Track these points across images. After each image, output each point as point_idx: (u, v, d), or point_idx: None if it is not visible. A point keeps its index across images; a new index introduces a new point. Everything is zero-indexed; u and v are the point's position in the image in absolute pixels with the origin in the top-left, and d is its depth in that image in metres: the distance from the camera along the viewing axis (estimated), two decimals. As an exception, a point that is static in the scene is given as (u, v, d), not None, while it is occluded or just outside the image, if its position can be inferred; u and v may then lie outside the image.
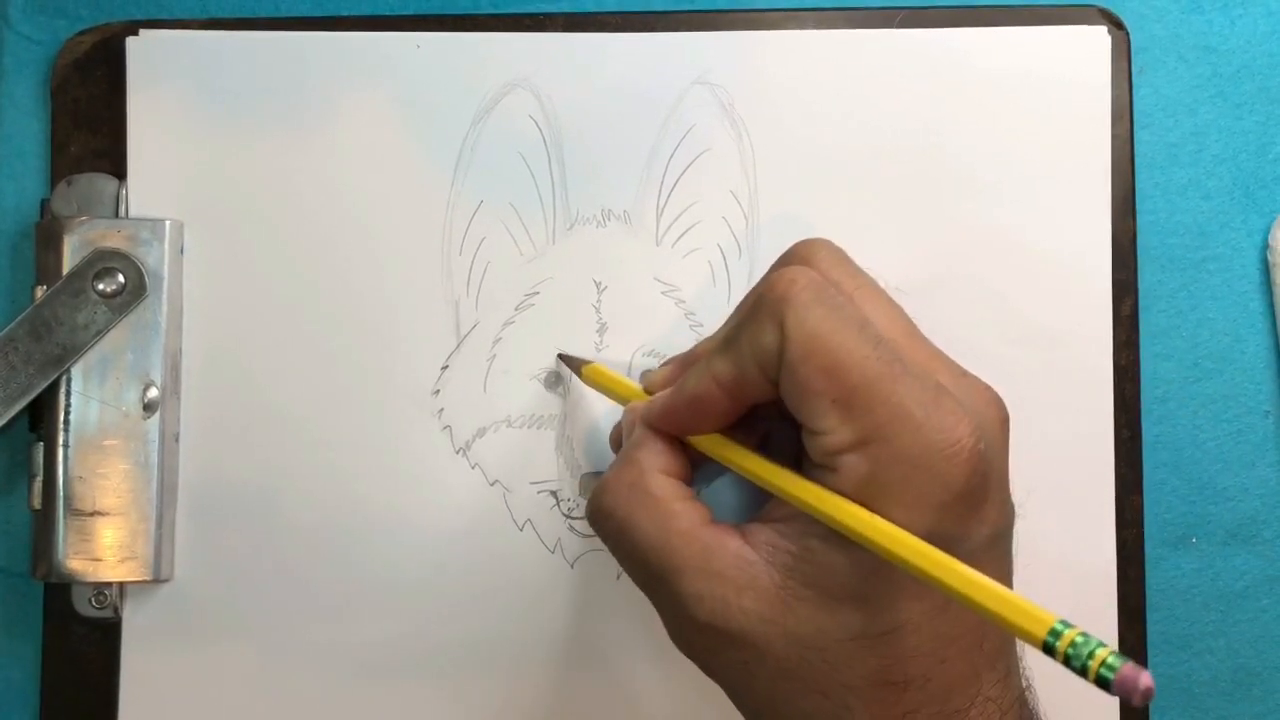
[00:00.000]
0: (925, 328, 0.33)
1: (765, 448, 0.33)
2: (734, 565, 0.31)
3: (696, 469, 0.34)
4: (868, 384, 0.29)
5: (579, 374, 0.39)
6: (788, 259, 0.34)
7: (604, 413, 0.41)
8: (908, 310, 0.34)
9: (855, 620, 0.30)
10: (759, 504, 0.33)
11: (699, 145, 0.41)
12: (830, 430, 0.29)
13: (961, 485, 0.29)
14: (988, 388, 0.32)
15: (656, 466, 0.33)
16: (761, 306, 0.31)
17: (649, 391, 0.36)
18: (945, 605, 0.30)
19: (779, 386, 0.31)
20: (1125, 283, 0.41)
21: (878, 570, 0.29)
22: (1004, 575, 0.31)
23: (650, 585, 0.32)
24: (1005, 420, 0.32)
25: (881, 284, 0.34)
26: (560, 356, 0.40)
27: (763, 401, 0.32)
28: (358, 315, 0.41)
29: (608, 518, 0.33)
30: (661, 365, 0.38)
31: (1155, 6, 0.42)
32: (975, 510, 0.30)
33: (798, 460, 0.33)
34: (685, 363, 0.36)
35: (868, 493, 0.29)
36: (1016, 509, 0.32)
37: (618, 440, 0.38)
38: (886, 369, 0.29)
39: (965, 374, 0.32)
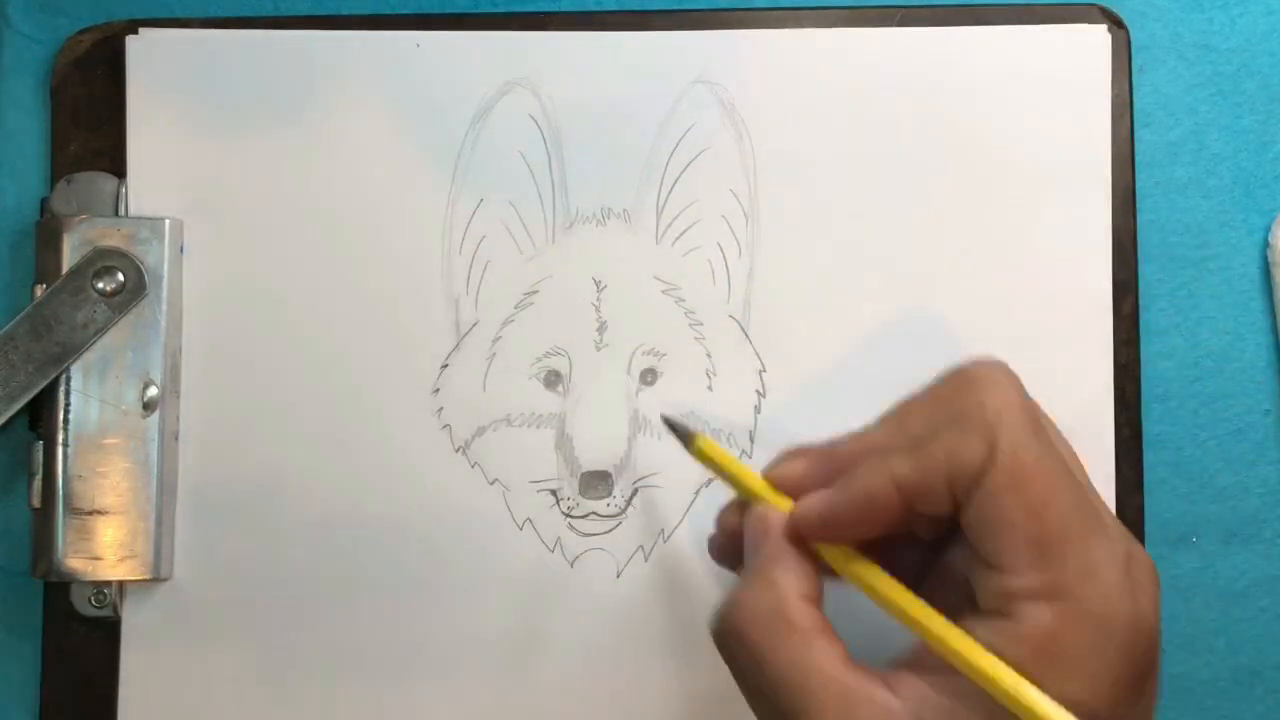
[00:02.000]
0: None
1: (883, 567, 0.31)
2: (878, 715, 0.28)
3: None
4: (1068, 531, 0.27)
5: (687, 446, 0.35)
6: (978, 379, 0.31)
7: (604, 411, 0.41)
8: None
9: None
10: (887, 633, 0.30)
11: (699, 144, 0.41)
12: (1017, 571, 0.28)
13: (1142, 660, 0.27)
14: (1149, 557, 0.30)
15: (799, 591, 0.30)
16: (967, 421, 0.29)
17: (781, 489, 0.33)
18: None
19: (963, 509, 0.29)
20: (1125, 281, 0.41)
21: None
22: None
23: (771, 715, 0.29)
24: (1160, 592, 0.30)
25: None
26: (665, 420, 0.37)
27: (932, 517, 0.30)
28: (357, 313, 0.41)
29: (741, 644, 0.30)
30: (786, 458, 0.33)
31: (1155, 5, 0.42)
32: (1144, 685, 0.28)
33: (918, 581, 0.31)
34: (828, 460, 0.32)
35: (1047, 649, 0.27)
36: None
37: (728, 529, 0.34)
38: (1087, 520, 0.28)
39: (1133, 538, 0.30)
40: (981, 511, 0.28)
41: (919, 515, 0.30)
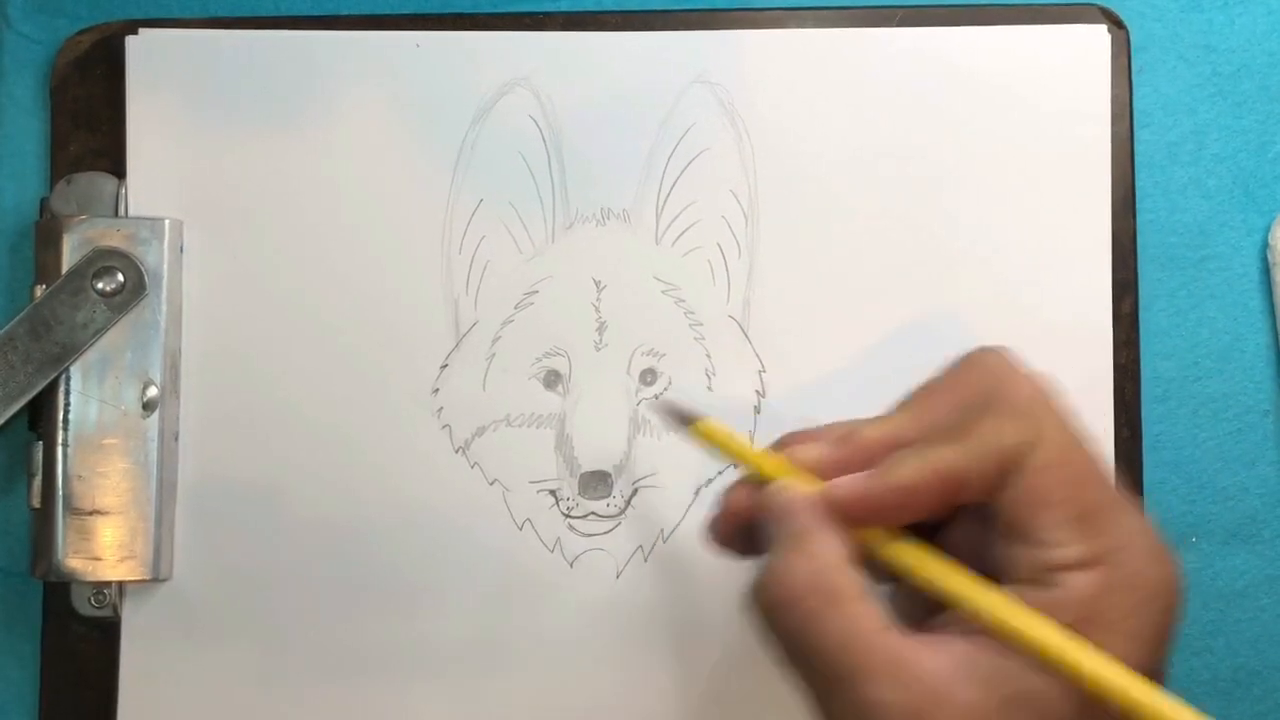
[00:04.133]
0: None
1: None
2: (929, 675, 0.28)
3: None
4: (1105, 505, 0.29)
5: (687, 429, 0.35)
6: (999, 365, 0.32)
7: (604, 411, 0.40)
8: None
9: None
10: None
11: (698, 144, 0.41)
12: (1061, 544, 0.29)
13: (1174, 619, 0.29)
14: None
15: (841, 558, 0.30)
16: (1006, 405, 0.30)
17: (803, 470, 0.32)
18: None
19: (1001, 492, 0.30)
20: (1125, 281, 0.41)
21: (1082, 700, 0.28)
22: None
23: (826, 688, 0.29)
24: None
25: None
26: (664, 404, 0.37)
27: (974, 498, 0.30)
28: (357, 314, 0.41)
29: (787, 611, 0.30)
30: (793, 441, 0.33)
31: (1155, 5, 0.42)
32: (1171, 645, 0.30)
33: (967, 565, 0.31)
34: (850, 444, 0.32)
35: (1091, 613, 0.28)
36: None
37: (739, 508, 0.33)
38: (1117, 495, 0.30)
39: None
40: (1025, 492, 0.29)
41: (956, 501, 0.31)
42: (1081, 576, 0.29)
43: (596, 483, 0.40)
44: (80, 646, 0.40)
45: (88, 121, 0.41)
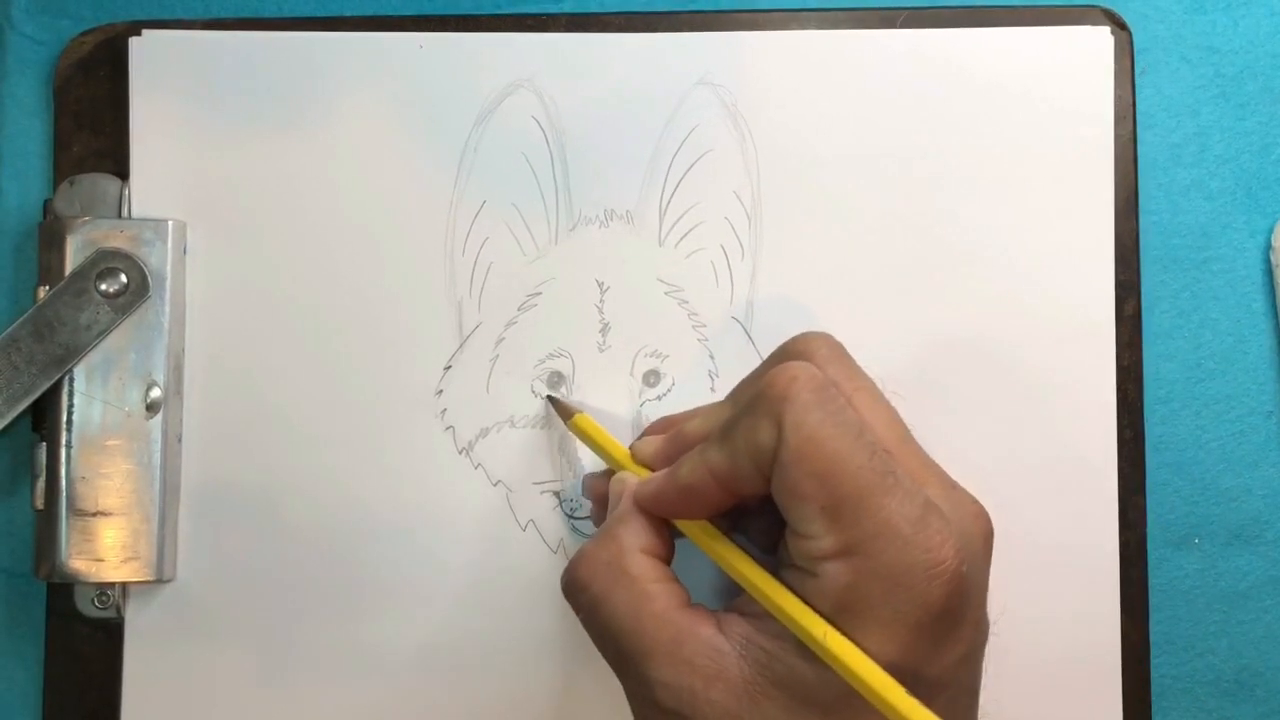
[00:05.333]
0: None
1: (741, 530, 0.34)
2: (705, 654, 0.30)
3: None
4: (858, 494, 0.29)
5: (566, 422, 0.39)
6: (786, 353, 0.34)
7: (605, 414, 0.41)
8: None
9: None
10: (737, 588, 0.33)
11: (702, 145, 0.41)
12: (815, 535, 0.29)
13: (940, 606, 0.29)
14: (974, 502, 0.32)
15: (637, 545, 0.33)
16: (760, 402, 0.31)
17: (638, 460, 0.36)
18: None
19: (770, 484, 0.31)
20: (1128, 283, 0.41)
21: (847, 686, 0.29)
22: (972, 692, 0.32)
23: (619, 665, 0.32)
24: (990, 536, 0.32)
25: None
26: (549, 398, 0.40)
27: (754, 494, 0.32)
28: (360, 315, 0.41)
29: (582, 591, 0.33)
30: (648, 433, 0.37)
31: (1158, 7, 0.42)
32: (952, 630, 0.30)
33: (775, 548, 0.33)
34: (675, 440, 0.35)
35: (845, 602, 0.29)
36: (991, 625, 0.32)
37: (597, 495, 0.38)
38: (879, 481, 0.29)
39: (955, 487, 0.32)
40: (779, 486, 0.30)
41: (746, 495, 0.32)
42: (835, 566, 0.29)
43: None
44: (84, 648, 0.40)
45: (91, 123, 0.41)
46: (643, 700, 0.31)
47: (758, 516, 0.34)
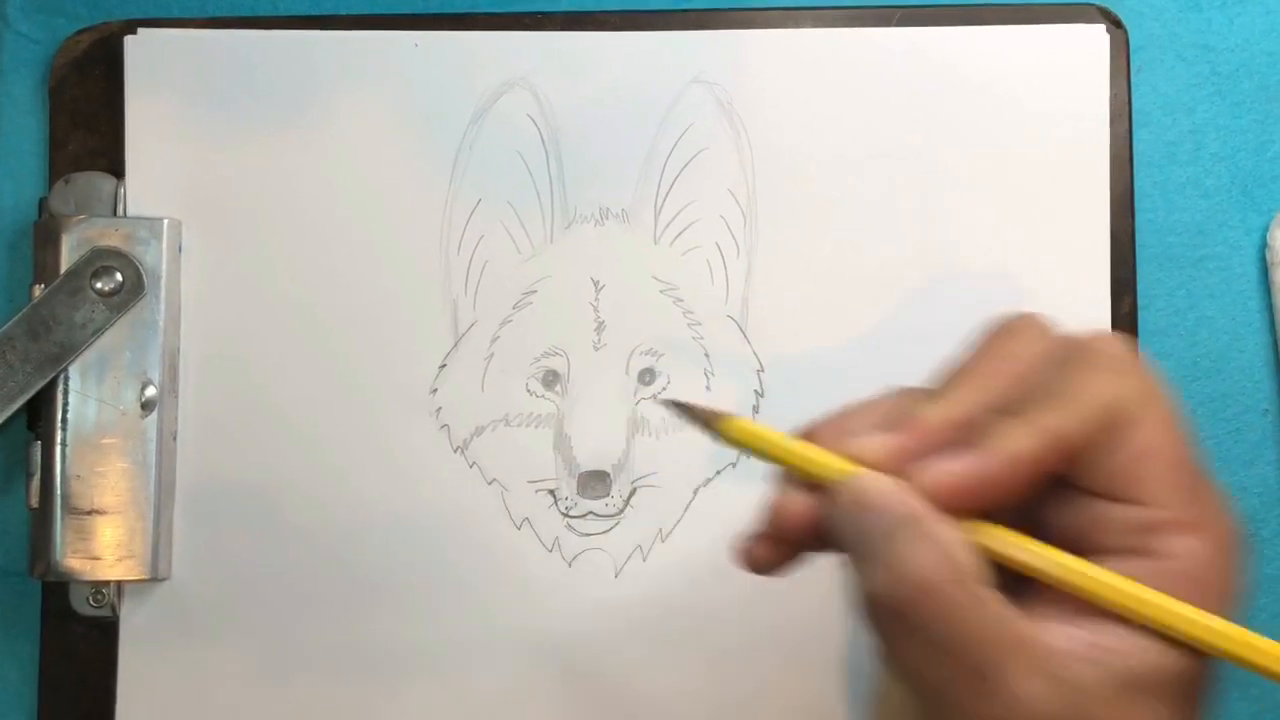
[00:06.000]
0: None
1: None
2: (1057, 663, 0.27)
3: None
4: (1199, 465, 0.28)
5: (711, 428, 0.30)
6: (1039, 324, 0.30)
7: (602, 411, 0.40)
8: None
9: (1189, 716, 0.28)
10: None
11: (697, 144, 0.41)
12: (1169, 505, 0.27)
13: (1243, 587, 0.28)
14: None
15: (966, 542, 0.28)
16: (1097, 358, 0.28)
17: (865, 463, 0.29)
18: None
19: (1105, 451, 0.28)
20: (1124, 281, 0.41)
21: (1213, 670, 0.28)
22: None
23: (955, 683, 0.27)
24: None
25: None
26: (677, 405, 0.31)
27: (1065, 469, 0.28)
28: (356, 314, 0.41)
29: (921, 606, 0.27)
30: (828, 429, 0.30)
31: (1153, 5, 0.42)
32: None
33: None
34: (910, 430, 0.29)
35: (1201, 578, 0.27)
36: None
37: (789, 527, 0.30)
38: (1198, 456, 0.28)
39: None
40: (1135, 449, 0.28)
41: (1065, 468, 0.28)
42: (1190, 541, 0.27)
43: (595, 482, 0.41)
44: (79, 646, 0.40)
45: (86, 121, 0.42)
46: (981, 714, 0.27)
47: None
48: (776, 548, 0.30)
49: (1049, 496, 0.29)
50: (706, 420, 0.31)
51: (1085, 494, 0.28)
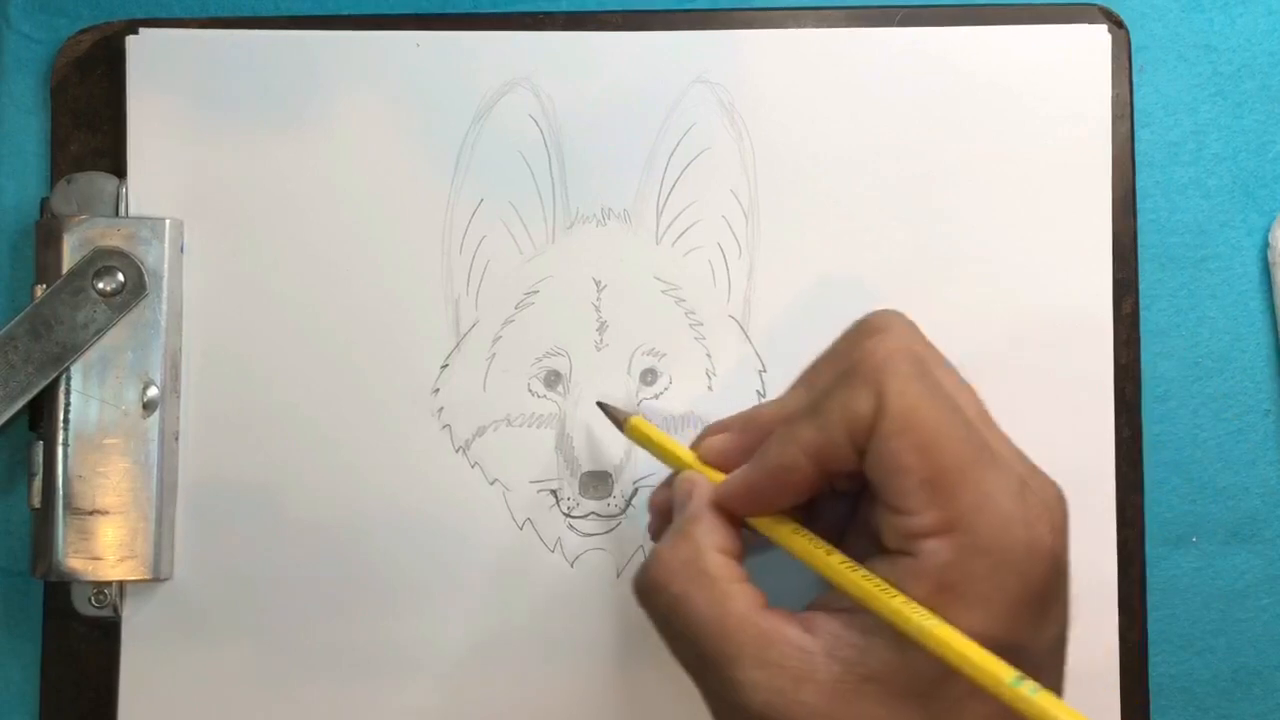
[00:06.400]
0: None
1: (809, 520, 0.33)
2: (793, 655, 0.29)
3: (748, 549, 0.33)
4: (959, 467, 0.28)
5: (621, 427, 0.38)
6: (866, 328, 0.33)
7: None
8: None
9: (918, 719, 0.29)
10: (815, 585, 0.32)
11: (699, 144, 0.41)
12: (914, 511, 0.29)
13: (1040, 584, 0.28)
14: (1054, 483, 0.31)
15: (714, 545, 0.31)
16: (856, 373, 0.30)
17: (705, 460, 0.35)
18: (1008, 712, 0.28)
19: (865, 459, 0.30)
20: (1126, 281, 0.41)
21: (946, 671, 0.28)
22: (1061, 673, 0.31)
23: (700, 669, 0.31)
24: (1068, 518, 0.31)
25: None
26: (600, 405, 0.39)
27: (843, 474, 0.31)
28: (357, 314, 0.41)
29: (659, 593, 0.31)
30: (711, 433, 0.35)
31: (1155, 5, 0.42)
32: (1048, 609, 0.29)
33: (840, 535, 0.32)
34: (748, 430, 0.34)
35: (947, 581, 0.28)
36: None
37: (662, 506, 0.35)
38: (977, 454, 0.29)
39: (1036, 468, 0.31)
40: (877, 458, 0.29)
41: (835, 474, 0.31)
42: (935, 544, 0.28)
43: (597, 483, 0.41)
44: (80, 646, 0.40)
45: (88, 121, 0.42)
46: (726, 703, 0.30)
47: (824, 511, 0.33)
48: (658, 527, 0.36)
49: (865, 497, 0.31)
50: (616, 420, 0.38)
51: (870, 500, 0.30)
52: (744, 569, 0.32)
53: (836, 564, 0.30)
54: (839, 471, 0.31)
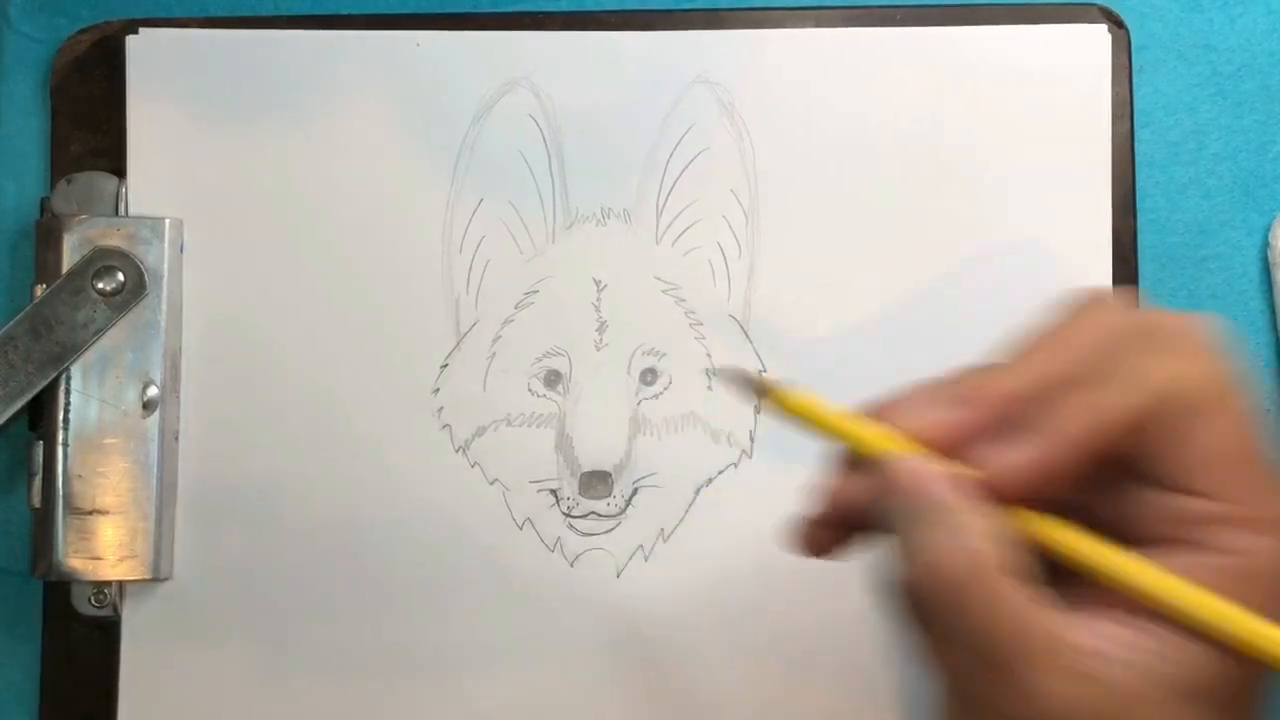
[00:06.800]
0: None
1: None
2: (1088, 661, 0.26)
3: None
4: (1267, 460, 0.26)
5: (764, 398, 0.30)
6: (1114, 301, 0.29)
7: (604, 411, 0.40)
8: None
9: None
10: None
11: (699, 144, 0.41)
12: (1233, 499, 0.25)
13: None
14: None
15: (998, 533, 0.26)
16: (1164, 338, 0.26)
17: (926, 440, 0.28)
18: None
19: (1164, 437, 0.26)
20: (1126, 281, 0.41)
21: (1254, 673, 0.26)
22: None
23: (981, 676, 0.26)
24: None
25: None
26: (725, 372, 0.33)
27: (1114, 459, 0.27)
28: (357, 314, 0.41)
29: (947, 595, 0.26)
30: (895, 405, 0.29)
31: (1155, 5, 0.42)
32: None
33: None
34: (976, 405, 0.28)
35: (1261, 577, 0.25)
36: None
37: (848, 498, 0.29)
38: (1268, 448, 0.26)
39: None
40: (1197, 437, 0.26)
41: (1106, 459, 0.27)
42: (1252, 538, 0.25)
43: (597, 482, 0.40)
44: (80, 646, 0.40)
45: (88, 121, 0.42)
46: (1004, 711, 0.26)
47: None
48: (831, 530, 0.29)
49: (1095, 480, 0.27)
50: (758, 390, 0.30)
51: (1135, 480, 0.27)
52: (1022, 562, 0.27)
53: (1126, 562, 0.26)
54: (1127, 449, 0.27)
